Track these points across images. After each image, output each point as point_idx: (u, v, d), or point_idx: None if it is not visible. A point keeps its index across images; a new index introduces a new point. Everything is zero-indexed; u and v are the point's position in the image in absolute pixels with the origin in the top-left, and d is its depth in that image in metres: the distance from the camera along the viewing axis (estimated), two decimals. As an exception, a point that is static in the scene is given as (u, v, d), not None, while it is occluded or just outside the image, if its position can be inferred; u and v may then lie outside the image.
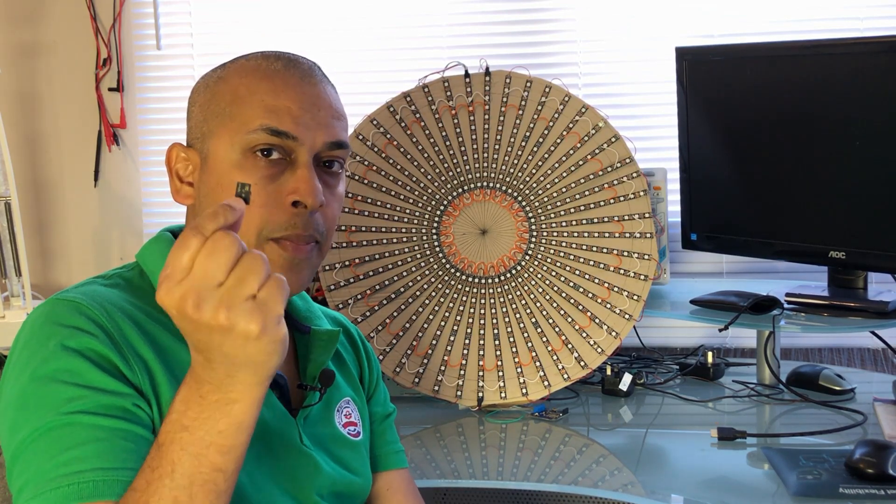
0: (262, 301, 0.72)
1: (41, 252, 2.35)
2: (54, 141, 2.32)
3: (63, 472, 0.81)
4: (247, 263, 0.72)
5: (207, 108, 0.98)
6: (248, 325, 0.71)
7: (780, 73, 1.71)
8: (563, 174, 1.75)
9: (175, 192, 1.00)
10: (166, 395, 0.89)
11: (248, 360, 0.74)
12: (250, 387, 0.76)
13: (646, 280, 1.70)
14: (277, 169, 0.94)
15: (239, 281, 0.72)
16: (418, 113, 1.77)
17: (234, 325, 0.71)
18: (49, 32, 2.28)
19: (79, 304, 0.89)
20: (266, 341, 0.73)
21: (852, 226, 1.66)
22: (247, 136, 0.94)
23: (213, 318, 0.71)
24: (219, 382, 0.76)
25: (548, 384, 1.65)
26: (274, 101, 0.95)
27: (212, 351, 0.74)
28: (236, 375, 0.75)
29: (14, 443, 0.84)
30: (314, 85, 0.98)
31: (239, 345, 0.73)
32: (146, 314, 0.93)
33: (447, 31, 2.18)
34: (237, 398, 0.76)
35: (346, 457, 1.06)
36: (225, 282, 0.71)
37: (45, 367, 0.85)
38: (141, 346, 0.90)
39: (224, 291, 0.71)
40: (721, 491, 1.31)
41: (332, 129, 0.97)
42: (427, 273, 1.72)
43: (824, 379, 1.69)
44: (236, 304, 0.71)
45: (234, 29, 2.24)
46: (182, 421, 0.77)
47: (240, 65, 0.99)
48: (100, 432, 0.83)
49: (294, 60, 0.99)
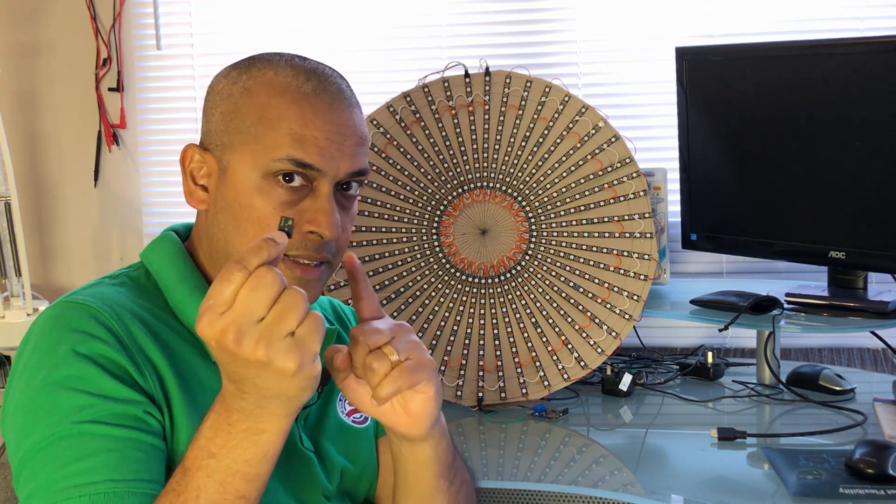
0: (300, 339, 0.74)
1: (41, 252, 2.35)
2: (54, 141, 2.32)
3: (75, 483, 0.81)
4: (287, 300, 0.73)
5: (231, 120, 0.95)
6: (285, 361, 0.73)
7: (780, 73, 1.71)
8: (563, 174, 1.75)
9: (188, 193, 0.98)
10: (177, 398, 0.89)
11: (281, 393, 0.76)
12: (279, 418, 0.78)
13: (646, 280, 1.70)
14: (298, 196, 0.93)
15: (279, 317, 0.73)
16: (418, 113, 1.78)
17: (271, 360, 0.73)
18: (49, 32, 2.28)
19: (90, 307, 0.88)
20: (301, 378, 0.75)
21: (852, 226, 1.66)
22: (271, 162, 0.92)
23: (252, 353, 0.73)
24: (249, 412, 0.77)
25: (548, 384, 1.65)
26: (302, 130, 0.92)
27: (246, 383, 0.76)
28: (267, 407, 0.77)
29: (23, 449, 0.84)
30: (342, 111, 0.95)
31: (274, 379, 0.74)
32: (154, 315, 0.93)
33: (447, 31, 2.18)
34: (265, 428, 0.78)
35: (351, 449, 1.06)
36: (265, 317, 0.73)
37: (56, 373, 0.85)
38: (151, 349, 0.90)
39: (264, 327, 0.73)
40: (721, 491, 1.31)
41: (355, 158, 0.95)
42: (427, 273, 1.72)
43: (824, 379, 1.69)
44: (275, 340, 0.73)
45: (234, 29, 2.24)
46: (209, 447, 0.78)
47: (268, 78, 0.95)
48: (111, 443, 0.83)
49: (325, 81, 0.96)
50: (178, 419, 0.89)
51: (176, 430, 0.89)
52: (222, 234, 0.95)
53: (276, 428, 0.78)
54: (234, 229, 0.94)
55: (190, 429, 0.89)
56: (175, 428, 0.89)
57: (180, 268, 0.98)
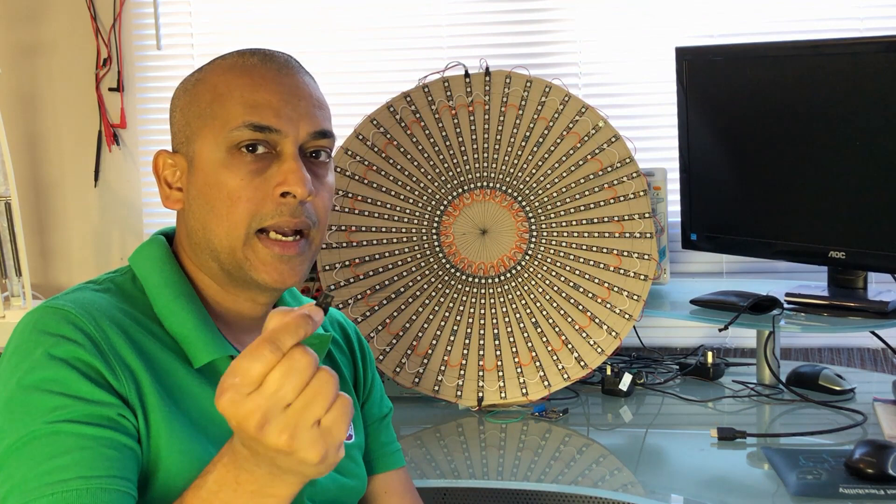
0: (326, 428, 0.71)
1: (41, 252, 2.35)
2: (54, 141, 2.32)
3: (47, 481, 0.81)
4: (317, 385, 0.70)
5: (188, 110, 0.98)
6: (308, 452, 0.70)
7: (780, 73, 1.71)
8: (563, 174, 1.75)
9: (165, 198, 1.00)
10: (153, 404, 0.89)
11: (299, 473, 0.74)
12: (290, 486, 0.75)
13: (646, 280, 1.70)
14: (264, 163, 0.94)
15: (307, 404, 0.70)
16: (418, 113, 1.78)
17: (295, 451, 0.70)
18: (49, 32, 2.28)
19: (67, 311, 0.88)
20: (323, 467, 0.72)
21: (852, 226, 1.66)
22: (230, 133, 0.94)
23: (276, 440, 0.69)
24: (259, 477, 0.75)
25: (548, 384, 1.65)
26: (253, 95, 0.94)
27: (261, 458, 0.73)
28: (280, 477, 0.74)
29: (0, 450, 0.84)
30: (292, 76, 0.97)
31: (294, 465, 0.72)
32: (136, 321, 0.93)
33: (447, 31, 2.18)
34: (274, 493, 0.75)
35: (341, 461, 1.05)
36: (293, 403, 0.70)
37: (32, 375, 0.85)
38: (128, 354, 0.89)
39: (291, 414, 0.69)
40: (721, 491, 1.31)
41: (314, 118, 0.97)
42: (427, 273, 1.72)
43: (824, 379, 1.69)
44: (301, 430, 0.70)
45: (234, 29, 2.24)
46: (212, 501, 0.76)
47: (216, 64, 0.99)
48: (84, 441, 0.83)
49: (270, 54, 0.99)
50: (155, 424, 0.88)
51: (153, 435, 0.88)
52: (198, 222, 0.96)
53: (285, 494, 0.76)
54: (208, 212, 0.95)
55: (170, 434, 0.88)
56: (151, 433, 0.88)
57: (166, 272, 0.98)
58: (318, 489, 1.00)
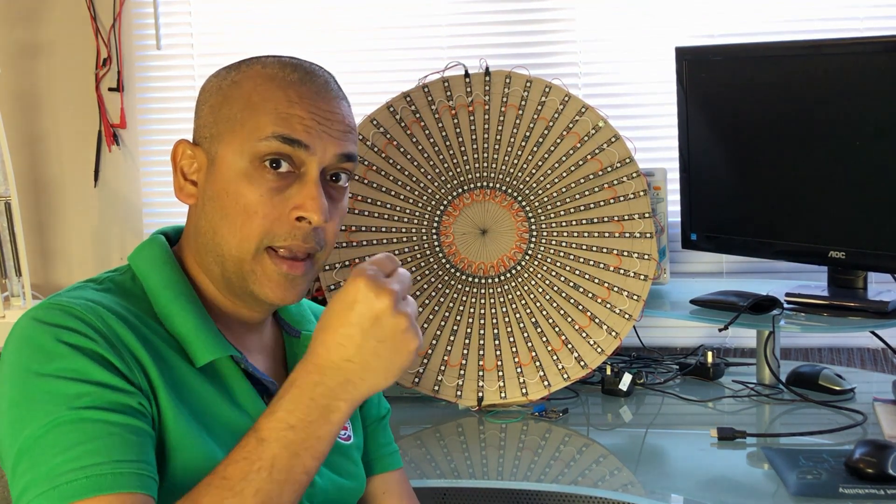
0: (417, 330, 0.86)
1: (41, 252, 2.35)
2: (54, 141, 2.32)
3: (78, 465, 0.81)
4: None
5: (219, 110, 0.97)
6: (413, 337, 0.85)
7: (780, 73, 1.71)
8: (563, 174, 1.75)
9: (178, 189, 0.99)
10: (162, 396, 0.89)
11: (381, 369, 0.85)
12: (350, 402, 0.85)
13: (646, 280, 1.70)
14: (286, 182, 0.94)
15: (411, 301, 0.87)
16: (418, 113, 1.78)
17: (406, 329, 0.84)
18: (49, 32, 2.28)
19: (71, 307, 0.88)
20: (410, 356, 0.85)
21: (852, 226, 1.66)
22: (257, 143, 0.93)
23: (405, 316, 0.84)
24: (332, 388, 0.84)
25: (548, 384, 1.65)
26: (287, 109, 0.94)
27: (361, 351, 0.84)
28: (347, 386, 0.84)
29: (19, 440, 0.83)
30: (329, 100, 0.97)
31: (390, 350, 0.84)
32: (139, 318, 0.93)
33: (447, 31, 2.18)
34: (340, 407, 0.84)
35: (336, 462, 1.05)
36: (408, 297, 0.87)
37: (50, 364, 0.85)
38: (135, 345, 0.89)
39: (410, 302, 0.86)
40: (721, 491, 1.31)
41: (343, 141, 0.96)
42: (427, 273, 1.72)
43: (824, 379, 1.69)
44: (413, 319, 0.85)
45: (234, 29, 2.24)
46: (289, 420, 0.83)
47: (255, 71, 0.97)
48: (110, 427, 0.83)
49: (311, 72, 0.98)
50: (165, 411, 0.89)
51: (164, 421, 0.89)
52: (209, 224, 0.96)
53: (345, 409, 0.84)
54: (222, 219, 0.94)
55: (176, 426, 0.89)
56: (163, 419, 0.89)
57: (165, 273, 0.98)
58: (317, 490, 1.00)
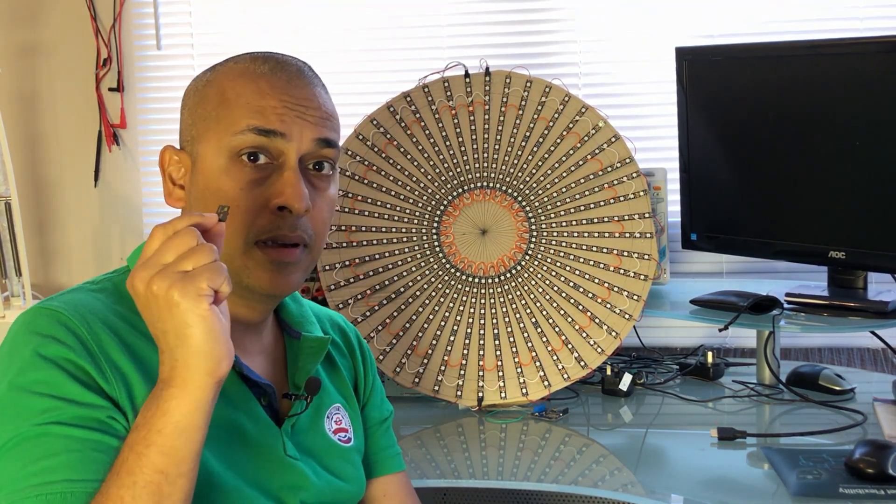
0: (191, 275, 0.78)
1: (41, 252, 2.35)
2: (54, 141, 2.32)
3: (33, 483, 0.81)
4: (196, 251, 0.79)
5: (196, 111, 0.98)
6: (168, 290, 0.78)
7: (780, 73, 1.71)
8: (563, 174, 1.75)
9: (167, 194, 1.00)
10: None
11: (178, 334, 0.79)
12: (185, 385, 0.80)
13: (646, 280, 1.70)
14: (264, 174, 0.94)
15: (179, 260, 0.79)
16: (418, 113, 1.78)
17: (157, 294, 0.78)
18: (49, 32, 2.28)
19: (59, 313, 0.88)
20: (184, 309, 0.78)
21: (852, 226, 1.66)
22: (233, 138, 0.94)
23: (146, 288, 0.79)
24: (165, 377, 0.80)
25: (548, 384, 1.65)
26: (259, 101, 0.94)
27: (156, 329, 0.80)
28: (177, 368, 0.80)
29: None
30: (302, 87, 0.97)
31: (166, 316, 0.79)
32: (129, 323, 0.92)
33: (447, 31, 2.18)
34: (175, 395, 0.80)
35: (335, 464, 1.05)
36: (171, 262, 0.79)
37: (22, 377, 0.85)
38: (119, 357, 0.89)
39: (163, 267, 0.79)
40: (721, 491, 1.31)
41: (320, 127, 0.96)
42: (427, 273, 1.72)
43: (824, 379, 1.69)
44: (167, 276, 0.78)
45: (234, 29, 2.24)
46: (136, 422, 0.81)
47: (228, 67, 0.98)
48: (72, 443, 0.83)
49: (282, 62, 0.98)
50: None
51: None
52: None
53: (183, 395, 0.79)
54: None
55: None
56: None
57: None
58: (314, 492, 1.00)
